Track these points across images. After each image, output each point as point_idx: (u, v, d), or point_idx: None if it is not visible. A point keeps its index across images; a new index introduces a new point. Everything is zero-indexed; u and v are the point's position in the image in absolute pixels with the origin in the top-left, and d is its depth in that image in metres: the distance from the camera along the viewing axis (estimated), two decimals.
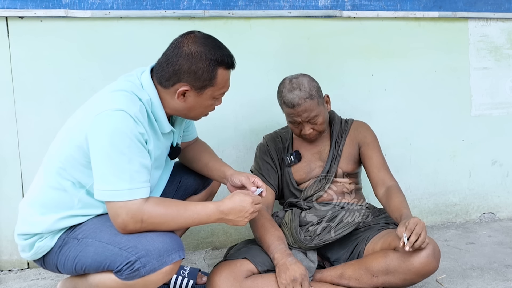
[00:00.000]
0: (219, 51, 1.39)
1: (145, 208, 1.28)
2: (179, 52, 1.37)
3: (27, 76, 2.03)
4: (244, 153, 2.27)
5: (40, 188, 1.42)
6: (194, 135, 1.76)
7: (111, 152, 1.26)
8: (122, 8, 2.06)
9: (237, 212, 1.40)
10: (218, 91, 1.43)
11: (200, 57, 1.36)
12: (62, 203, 1.38)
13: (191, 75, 1.36)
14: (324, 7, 2.29)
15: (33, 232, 1.39)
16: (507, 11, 2.51)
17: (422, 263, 1.53)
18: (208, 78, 1.38)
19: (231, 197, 1.42)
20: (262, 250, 1.70)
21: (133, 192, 1.27)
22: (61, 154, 1.37)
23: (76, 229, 1.39)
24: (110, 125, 1.27)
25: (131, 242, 1.28)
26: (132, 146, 1.28)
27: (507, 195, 2.64)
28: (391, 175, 1.84)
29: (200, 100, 1.42)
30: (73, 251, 1.36)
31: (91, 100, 1.42)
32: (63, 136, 1.40)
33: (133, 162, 1.28)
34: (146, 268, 1.26)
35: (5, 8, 1.96)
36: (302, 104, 1.73)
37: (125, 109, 1.29)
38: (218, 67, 1.38)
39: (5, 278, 2.01)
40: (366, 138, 1.90)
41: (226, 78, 1.43)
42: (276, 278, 1.58)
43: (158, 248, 1.28)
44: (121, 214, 1.27)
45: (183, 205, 1.36)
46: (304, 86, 1.75)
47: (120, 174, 1.26)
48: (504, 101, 2.60)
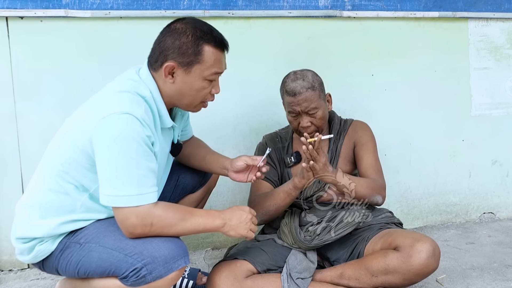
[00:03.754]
0: (206, 28, 1.39)
1: (155, 212, 1.27)
2: (165, 30, 1.40)
3: (27, 76, 2.03)
4: (244, 152, 2.27)
5: (39, 190, 1.39)
6: (191, 134, 1.76)
7: (118, 157, 1.24)
8: (122, 8, 2.06)
9: (238, 217, 1.42)
10: (207, 70, 1.39)
11: (184, 31, 1.36)
12: (63, 207, 1.35)
13: (175, 50, 1.35)
14: (324, 7, 2.29)
15: (32, 236, 1.36)
16: (507, 11, 2.52)
17: (421, 263, 1.53)
18: (193, 53, 1.36)
19: (229, 208, 1.45)
20: (262, 250, 1.70)
21: (142, 198, 1.26)
22: (63, 156, 1.35)
23: (78, 234, 1.37)
24: (117, 129, 1.25)
25: (137, 249, 1.27)
26: (139, 150, 1.26)
27: (507, 195, 2.64)
28: (380, 176, 1.83)
29: (189, 79, 1.39)
30: (75, 255, 1.34)
31: (92, 101, 1.39)
32: (64, 137, 1.38)
33: (141, 167, 1.26)
34: (153, 275, 1.26)
35: (5, 8, 1.96)
36: (303, 93, 1.74)
37: (131, 112, 1.27)
38: (203, 43, 1.37)
39: (5, 278, 2.01)
40: (362, 138, 1.90)
41: (215, 57, 1.39)
42: (275, 278, 1.61)
43: (164, 254, 1.27)
44: (130, 217, 1.26)
45: (189, 211, 1.36)
46: (307, 77, 1.77)
47: (127, 179, 1.25)
48: (504, 101, 2.60)
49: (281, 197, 1.75)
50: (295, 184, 1.71)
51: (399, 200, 2.49)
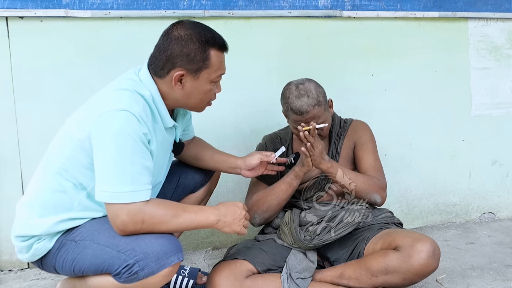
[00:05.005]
0: (209, 32, 1.40)
1: (146, 210, 1.28)
2: (169, 38, 1.38)
3: (27, 76, 2.03)
4: (244, 153, 2.27)
5: (38, 190, 1.40)
6: (192, 134, 1.77)
7: (114, 153, 1.25)
8: (122, 8, 2.06)
9: (232, 213, 1.41)
10: (214, 73, 1.42)
11: (190, 38, 1.37)
12: (61, 205, 1.37)
13: (184, 58, 1.37)
14: (324, 7, 2.29)
15: (30, 234, 1.37)
16: (507, 11, 2.52)
17: (421, 263, 1.53)
18: (202, 59, 1.38)
19: (223, 203, 1.44)
20: (262, 250, 1.70)
21: (134, 195, 1.26)
22: (62, 155, 1.36)
23: (74, 231, 1.38)
24: (114, 125, 1.26)
25: (129, 245, 1.27)
26: (135, 147, 1.27)
27: (507, 195, 2.64)
28: (381, 176, 1.83)
29: (198, 84, 1.41)
30: (71, 253, 1.35)
31: (92, 100, 1.41)
32: (64, 136, 1.39)
33: (136, 164, 1.27)
34: (145, 271, 1.26)
35: (5, 8, 1.96)
36: (310, 111, 1.72)
37: (128, 109, 1.28)
38: (210, 47, 1.39)
39: (5, 278, 2.01)
40: (361, 138, 1.90)
41: (220, 59, 1.43)
42: (275, 278, 1.60)
43: (157, 251, 1.27)
44: (121, 215, 1.26)
45: (181, 207, 1.36)
46: (312, 92, 1.73)
47: (122, 176, 1.26)
48: (504, 101, 2.60)
49: (282, 189, 1.77)
50: (296, 173, 1.74)
51: (399, 200, 2.49)
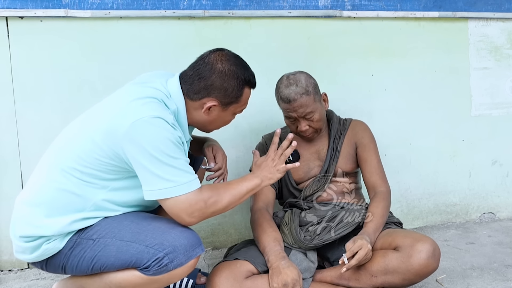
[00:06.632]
0: (247, 71, 1.51)
1: (204, 194, 1.38)
2: (212, 68, 1.45)
3: (27, 76, 2.03)
4: (244, 153, 2.27)
5: (43, 188, 1.39)
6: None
7: (159, 156, 1.31)
8: (122, 8, 2.06)
9: (266, 167, 1.52)
10: (240, 108, 1.55)
11: (233, 76, 1.46)
12: (71, 205, 1.37)
13: (221, 91, 1.46)
14: (324, 7, 2.29)
15: (38, 234, 1.37)
16: (507, 11, 2.52)
17: (421, 264, 1.53)
18: (235, 95, 1.49)
19: (256, 165, 1.56)
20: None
21: (191, 184, 1.35)
22: (81, 156, 1.36)
23: (88, 230, 1.40)
24: (152, 131, 1.32)
25: (157, 239, 1.35)
26: (175, 148, 1.35)
27: (507, 195, 2.64)
28: (383, 180, 1.85)
29: (223, 115, 1.53)
30: (89, 251, 1.38)
31: (115, 103, 1.41)
32: (81, 137, 1.38)
33: (181, 161, 1.36)
34: (174, 263, 1.34)
35: (5, 8, 1.96)
36: (298, 99, 1.74)
37: (162, 116, 1.34)
38: (245, 86, 1.51)
39: (5, 278, 2.01)
40: (364, 139, 1.90)
41: (248, 96, 1.55)
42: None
43: (184, 243, 1.36)
44: (184, 205, 1.34)
45: (227, 183, 1.48)
46: (301, 82, 1.76)
47: (175, 172, 1.33)
48: (504, 101, 2.60)
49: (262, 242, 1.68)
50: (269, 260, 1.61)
51: (399, 200, 2.49)
